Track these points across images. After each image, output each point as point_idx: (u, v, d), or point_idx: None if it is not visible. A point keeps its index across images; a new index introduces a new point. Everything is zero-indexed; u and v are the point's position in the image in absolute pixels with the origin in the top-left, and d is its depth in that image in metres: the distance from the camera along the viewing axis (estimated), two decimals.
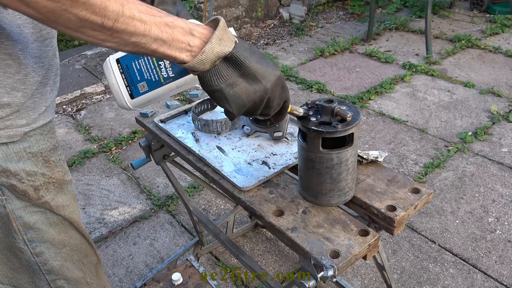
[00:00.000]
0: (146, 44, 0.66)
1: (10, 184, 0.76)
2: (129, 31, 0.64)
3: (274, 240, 2.07)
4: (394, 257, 1.94)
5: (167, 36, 0.68)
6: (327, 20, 4.86)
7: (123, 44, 0.66)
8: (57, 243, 0.87)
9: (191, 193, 2.40)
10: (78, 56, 4.14)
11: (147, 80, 0.95)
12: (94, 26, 0.61)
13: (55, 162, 0.83)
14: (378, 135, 2.79)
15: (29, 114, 0.76)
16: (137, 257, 2.04)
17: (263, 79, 0.76)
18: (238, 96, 0.76)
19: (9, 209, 0.78)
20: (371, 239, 0.94)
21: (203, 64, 0.72)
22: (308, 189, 1.04)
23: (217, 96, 0.76)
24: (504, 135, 2.69)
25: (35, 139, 0.79)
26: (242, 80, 0.75)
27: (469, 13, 4.63)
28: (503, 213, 2.12)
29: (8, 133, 0.74)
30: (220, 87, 0.74)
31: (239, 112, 0.78)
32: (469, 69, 3.53)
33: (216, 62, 0.73)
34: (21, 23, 0.72)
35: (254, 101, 0.77)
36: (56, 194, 0.84)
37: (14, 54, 0.71)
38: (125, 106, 0.98)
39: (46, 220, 0.84)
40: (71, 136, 3.01)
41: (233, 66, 0.74)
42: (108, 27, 0.62)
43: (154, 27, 0.66)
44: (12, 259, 0.84)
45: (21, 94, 0.74)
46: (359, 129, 0.99)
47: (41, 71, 0.77)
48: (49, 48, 0.79)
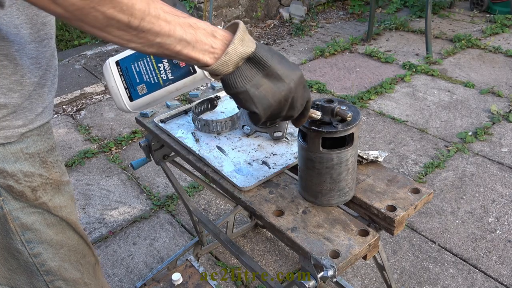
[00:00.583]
0: (170, 45, 0.66)
1: (7, 185, 0.76)
2: (155, 31, 0.63)
3: (274, 240, 2.07)
4: (394, 257, 1.94)
5: (191, 37, 0.67)
6: (327, 20, 4.86)
7: (148, 45, 0.65)
8: (54, 243, 0.87)
9: (191, 193, 2.39)
10: (78, 56, 4.14)
11: (146, 83, 0.94)
12: (121, 25, 0.61)
13: (52, 163, 0.83)
14: (378, 135, 2.79)
15: (26, 115, 0.76)
16: (137, 257, 2.04)
17: (286, 78, 0.75)
18: (264, 97, 0.74)
19: (6, 210, 0.78)
20: (371, 239, 0.94)
21: (226, 66, 0.71)
22: (308, 189, 1.04)
23: (242, 98, 0.74)
24: (504, 135, 2.69)
25: (32, 139, 0.79)
26: (266, 80, 0.74)
27: (469, 13, 4.63)
28: (503, 213, 2.12)
29: (5, 134, 0.74)
30: (245, 88, 0.73)
31: (265, 114, 0.76)
32: (469, 69, 3.53)
33: (239, 63, 0.72)
34: (18, 24, 0.71)
35: (280, 100, 0.76)
36: (53, 195, 0.84)
37: (10, 55, 0.71)
38: (124, 108, 0.97)
39: (44, 221, 0.84)
40: (71, 136, 3.01)
41: (256, 66, 0.73)
42: (134, 26, 0.61)
43: (179, 27, 0.65)
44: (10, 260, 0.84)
45: (18, 95, 0.74)
46: (359, 129, 0.99)
47: (38, 72, 0.77)
48: (47, 49, 0.79)
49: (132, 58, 0.95)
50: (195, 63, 0.71)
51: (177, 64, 0.92)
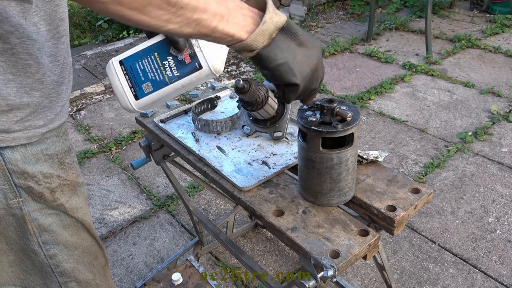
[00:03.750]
0: (207, 21, 0.65)
1: (27, 186, 0.76)
2: (192, 6, 0.62)
3: (274, 240, 2.07)
4: (394, 257, 1.94)
5: (224, 10, 0.66)
6: (327, 20, 4.86)
7: (186, 24, 0.64)
8: (70, 245, 0.86)
9: (191, 193, 2.39)
10: (78, 56, 4.14)
11: (151, 80, 0.94)
12: (160, 3, 0.60)
13: (69, 164, 0.83)
14: (378, 135, 2.79)
15: (46, 115, 0.76)
16: (137, 257, 2.04)
17: (314, 47, 0.76)
18: (302, 64, 0.74)
19: (25, 211, 0.78)
20: (371, 239, 0.94)
21: (263, 37, 0.70)
22: (308, 189, 1.04)
23: (283, 70, 0.74)
24: (504, 135, 2.69)
25: (51, 141, 0.78)
26: (300, 50, 0.74)
27: (469, 13, 4.63)
28: (503, 213, 2.12)
29: (27, 134, 0.73)
30: (285, 59, 0.72)
31: (304, 83, 0.76)
32: (469, 69, 3.53)
33: (273, 34, 0.71)
34: (37, 21, 0.70)
35: (313, 69, 0.76)
36: (70, 196, 0.84)
37: (33, 54, 0.70)
38: (130, 108, 0.96)
39: (60, 222, 0.84)
40: (71, 136, 3.01)
41: (290, 36, 0.72)
42: (173, 2, 0.60)
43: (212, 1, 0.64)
44: (26, 261, 0.84)
45: (39, 94, 0.73)
46: (359, 129, 0.99)
47: (57, 69, 0.77)
48: (64, 46, 0.78)
49: (136, 56, 0.94)
50: (230, 38, 0.69)
51: (183, 60, 0.92)
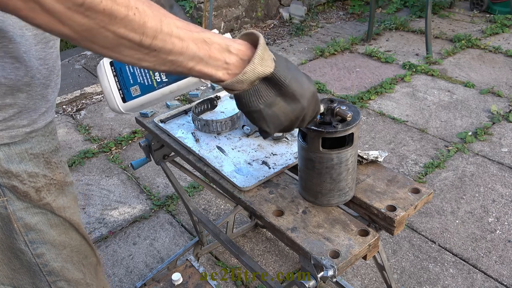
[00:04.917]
0: (183, 63, 0.63)
1: (11, 185, 0.76)
2: (167, 49, 0.60)
3: (274, 240, 2.07)
4: (394, 257, 1.94)
5: (204, 53, 0.64)
6: (327, 20, 4.86)
7: (160, 63, 0.62)
8: (57, 244, 0.87)
9: (191, 193, 2.39)
10: (78, 56, 4.14)
11: (140, 84, 0.93)
12: (132, 45, 0.58)
13: (56, 163, 0.84)
14: (378, 135, 2.79)
15: (30, 115, 0.76)
16: (137, 257, 2.04)
17: (301, 98, 0.73)
18: (277, 116, 0.73)
19: (10, 210, 0.78)
20: (371, 239, 0.94)
21: (241, 84, 0.69)
22: (308, 189, 1.04)
23: (255, 117, 0.73)
24: (504, 135, 2.69)
25: (36, 140, 0.79)
26: (280, 99, 0.72)
27: (469, 13, 4.63)
28: (503, 213, 2.12)
29: (10, 134, 0.74)
30: (259, 107, 0.72)
31: (276, 131, 0.76)
32: (469, 69, 3.53)
33: (254, 82, 0.70)
34: (23, 25, 0.71)
35: (291, 119, 0.75)
36: (57, 195, 0.84)
37: (19, 57, 0.71)
38: (117, 109, 0.96)
39: (47, 221, 0.84)
40: (71, 136, 3.01)
41: (272, 85, 0.71)
42: (146, 45, 0.58)
43: (192, 44, 0.63)
44: (13, 260, 0.84)
45: (25, 96, 0.74)
46: (359, 129, 0.99)
47: (46, 72, 0.78)
48: (53, 50, 0.79)
49: None
50: (208, 78, 0.68)
51: None
